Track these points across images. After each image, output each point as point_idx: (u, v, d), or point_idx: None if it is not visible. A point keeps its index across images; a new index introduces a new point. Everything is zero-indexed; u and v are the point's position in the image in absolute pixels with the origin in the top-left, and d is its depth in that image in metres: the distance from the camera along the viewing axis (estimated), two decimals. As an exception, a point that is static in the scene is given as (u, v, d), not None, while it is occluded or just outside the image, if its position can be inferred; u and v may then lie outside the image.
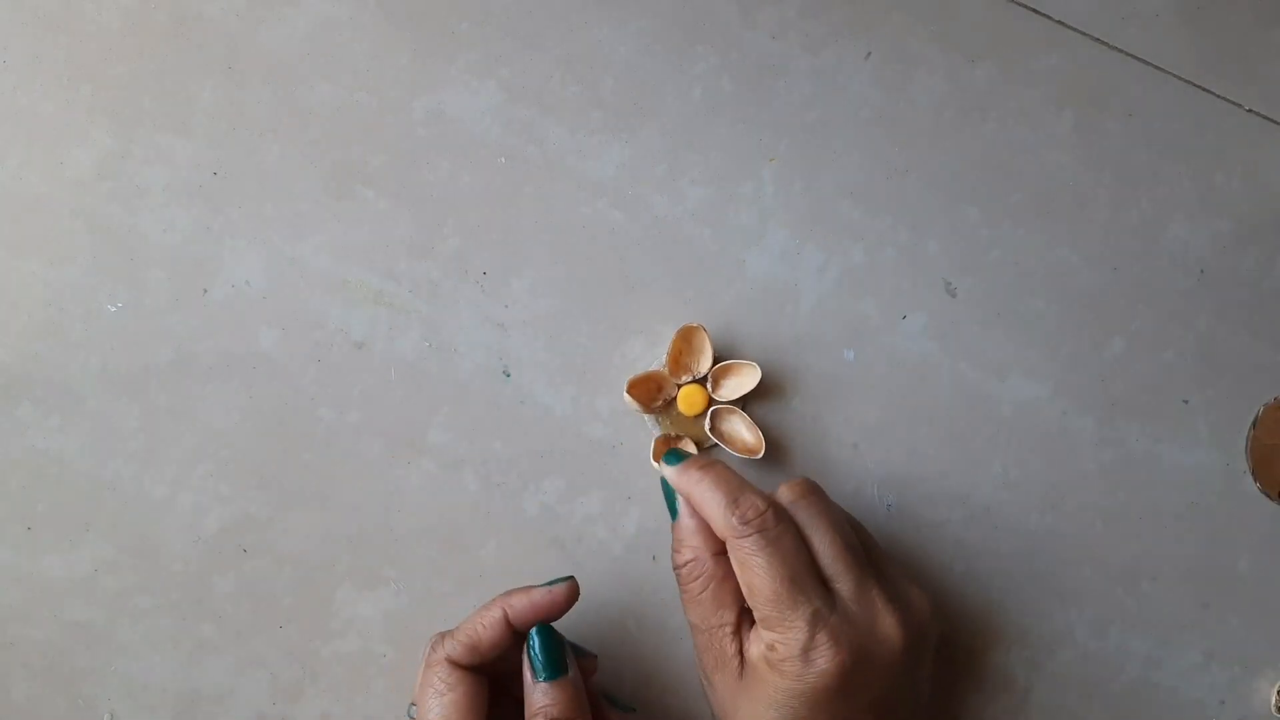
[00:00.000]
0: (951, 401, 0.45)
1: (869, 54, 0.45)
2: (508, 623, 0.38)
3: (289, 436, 0.43)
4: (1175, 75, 0.46)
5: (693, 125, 0.45)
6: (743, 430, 0.43)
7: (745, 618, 0.38)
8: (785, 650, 0.35)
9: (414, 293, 0.44)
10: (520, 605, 0.38)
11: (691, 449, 0.43)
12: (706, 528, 0.38)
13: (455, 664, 0.37)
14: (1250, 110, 0.46)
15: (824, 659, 0.35)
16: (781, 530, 0.36)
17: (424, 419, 0.43)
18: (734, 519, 0.36)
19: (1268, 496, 0.45)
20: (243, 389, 0.43)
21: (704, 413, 0.43)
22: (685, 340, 0.43)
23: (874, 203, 0.45)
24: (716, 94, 0.45)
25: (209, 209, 0.43)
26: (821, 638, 0.35)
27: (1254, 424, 0.45)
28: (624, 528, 0.44)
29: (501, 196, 0.44)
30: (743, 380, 0.43)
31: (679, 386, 0.42)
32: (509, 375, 0.44)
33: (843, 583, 0.37)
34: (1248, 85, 0.46)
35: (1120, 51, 0.46)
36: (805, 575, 0.36)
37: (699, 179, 0.45)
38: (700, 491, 0.38)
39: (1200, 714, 0.45)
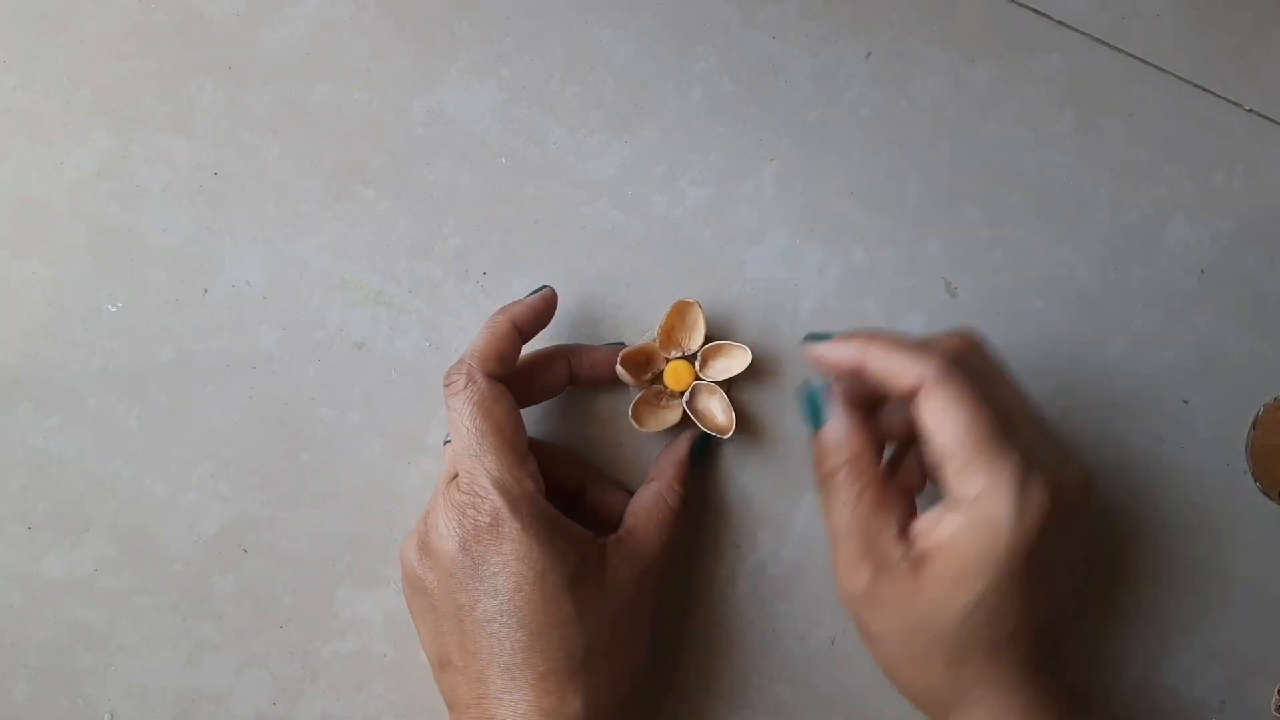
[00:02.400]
0: (951, 401, 0.45)
1: (869, 54, 0.45)
2: (517, 330, 0.39)
3: (289, 436, 0.43)
4: (1175, 75, 0.46)
5: (693, 125, 0.45)
6: (716, 409, 0.42)
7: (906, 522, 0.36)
8: (999, 496, 0.33)
9: (414, 293, 0.44)
10: (519, 311, 0.39)
11: (669, 420, 0.42)
12: (860, 427, 0.37)
13: (493, 377, 0.37)
14: (1250, 110, 0.46)
15: (1038, 502, 0.33)
16: (977, 374, 0.35)
17: (424, 419, 0.43)
18: (932, 362, 0.34)
19: (1268, 497, 0.45)
20: (243, 389, 0.43)
21: (688, 389, 0.42)
22: (679, 315, 0.42)
23: (874, 203, 0.45)
24: (716, 94, 0.45)
25: (209, 209, 0.43)
26: (1036, 482, 0.33)
27: (1254, 424, 0.45)
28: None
29: (501, 196, 0.44)
30: (731, 362, 0.42)
31: (668, 360, 0.42)
32: (509, 375, 0.44)
33: (1031, 430, 0.35)
34: (1248, 85, 0.46)
35: (1120, 51, 0.46)
36: (1009, 417, 0.34)
37: (699, 179, 0.45)
38: (877, 350, 0.36)
39: (1200, 714, 0.45)
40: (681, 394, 0.42)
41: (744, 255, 0.45)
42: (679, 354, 0.42)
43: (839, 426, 0.37)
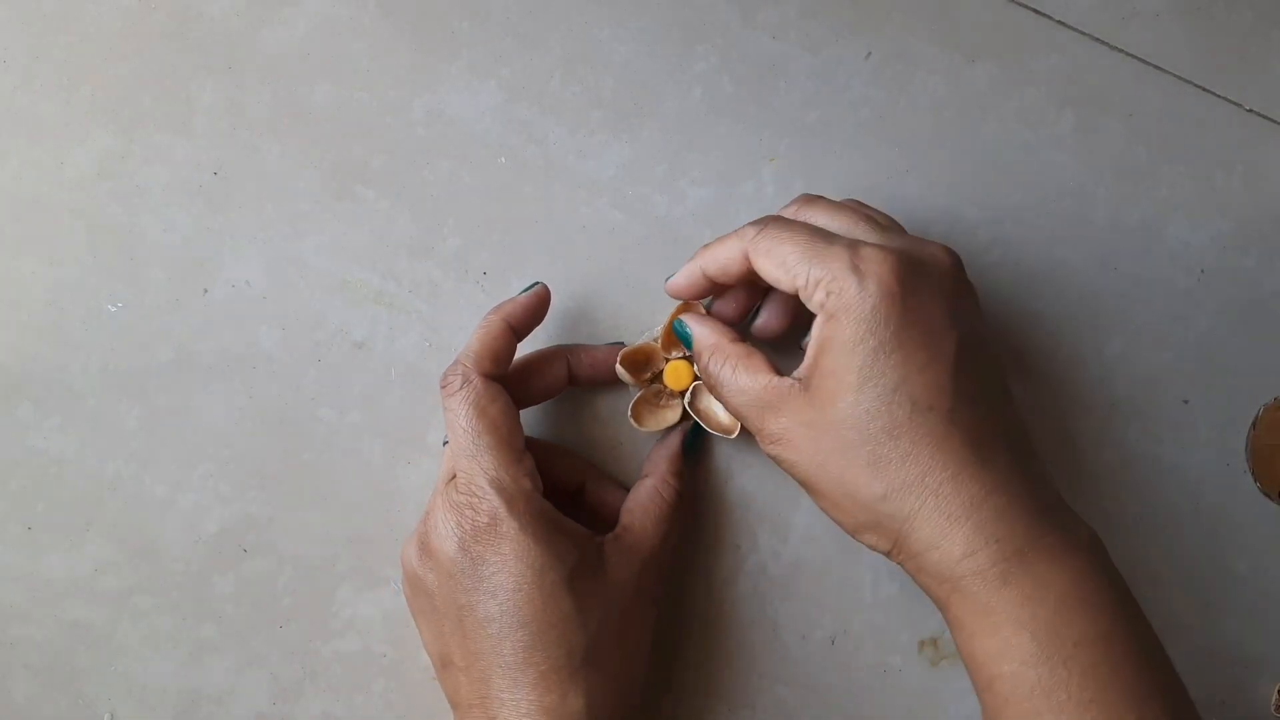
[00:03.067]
0: (951, 401, 0.45)
1: (869, 54, 0.45)
2: (510, 329, 0.39)
3: (289, 436, 0.43)
4: (1175, 75, 0.46)
5: (693, 125, 0.45)
6: (718, 409, 0.42)
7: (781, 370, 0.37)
8: (838, 280, 0.34)
9: (414, 293, 0.44)
10: (512, 309, 0.40)
11: (669, 420, 0.43)
12: (714, 323, 0.39)
13: (489, 377, 0.38)
14: (1250, 110, 0.47)
15: (876, 264, 0.34)
16: (811, 208, 0.38)
17: (424, 419, 0.43)
18: (747, 230, 0.37)
19: (1268, 497, 0.45)
20: (243, 389, 0.43)
21: (688, 389, 0.42)
22: (681, 315, 0.42)
23: (874, 203, 0.45)
24: (716, 94, 0.45)
25: (209, 209, 0.43)
26: (867, 251, 0.35)
27: (1254, 424, 0.45)
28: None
29: (501, 196, 0.44)
30: None
31: (668, 360, 0.42)
32: (509, 375, 0.44)
33: (869, 234, 0.37)
34: (1248, 85, 0.46)
35: (1120, 51, 0.46)
36: (827, 230, 0.37)
37: (699, 179, 0.45)
38: (707, 253, 0.39)
39: (1200, 714, 0.45)
40: (681, 393, 0.42)
41: (744, 255, 0.45)
42: (680, 355, 0.42)
43: (699, 331, 0.39)
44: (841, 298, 0.34)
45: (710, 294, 0.40)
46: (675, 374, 0.42)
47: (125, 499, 0.42)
